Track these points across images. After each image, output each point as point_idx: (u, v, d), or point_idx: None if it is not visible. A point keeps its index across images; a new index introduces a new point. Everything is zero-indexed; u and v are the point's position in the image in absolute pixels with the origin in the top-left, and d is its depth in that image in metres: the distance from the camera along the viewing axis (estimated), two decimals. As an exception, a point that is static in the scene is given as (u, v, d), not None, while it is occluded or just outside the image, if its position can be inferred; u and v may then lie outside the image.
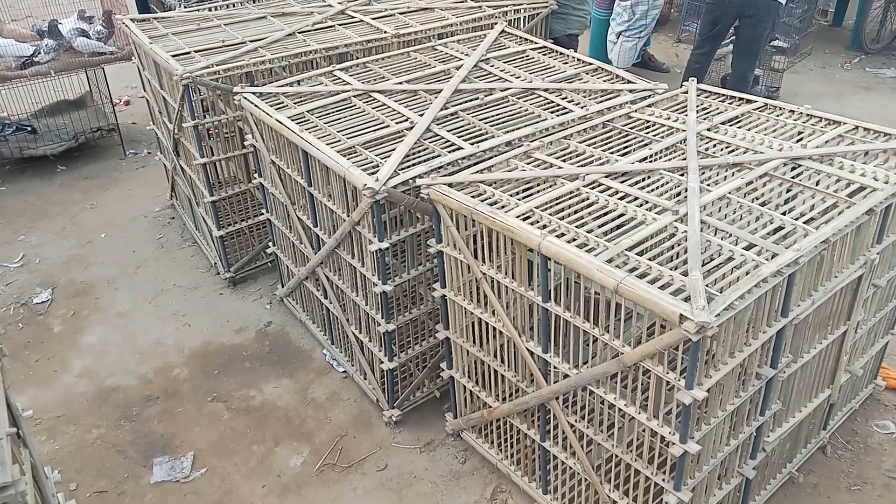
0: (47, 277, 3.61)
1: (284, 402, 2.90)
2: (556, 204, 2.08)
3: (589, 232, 1.92)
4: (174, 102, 3.24)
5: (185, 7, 4.68)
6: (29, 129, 4.55)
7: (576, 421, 2.10)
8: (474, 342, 2.38)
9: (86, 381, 3.01)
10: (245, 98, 2.82)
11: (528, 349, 2.12)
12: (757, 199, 2.08)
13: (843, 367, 2.35)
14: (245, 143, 3.03)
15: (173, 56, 3.12)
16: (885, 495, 2.46)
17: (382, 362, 2.65)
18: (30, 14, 4.69)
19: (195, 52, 3.20)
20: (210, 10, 3.80)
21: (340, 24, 3.53)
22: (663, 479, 1.89)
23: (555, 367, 2.07)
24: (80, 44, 4.35)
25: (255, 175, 3.08)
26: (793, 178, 2.17)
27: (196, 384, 2.99)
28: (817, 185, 2.13)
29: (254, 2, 3.94)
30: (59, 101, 4.81)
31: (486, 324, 2.28)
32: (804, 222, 1.93)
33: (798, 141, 2.40)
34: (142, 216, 4.12)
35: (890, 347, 2.83)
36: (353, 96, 2.82)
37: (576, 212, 2.05)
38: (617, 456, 2.02)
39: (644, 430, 1.98)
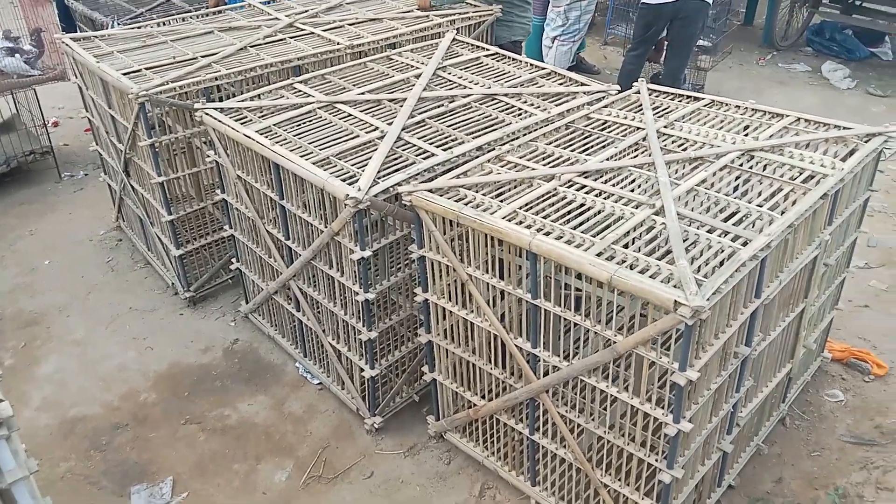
0: (-8, 309, 3.44)
1: (262, 419, 2.86)
2: (538, 204, 2.16)
3: (574, 229, 2.01)
4: (126, 122, 3.15)
5: (118, 25, 4.55)
6: (-46, 156, 4.32)
7: (566, 411, 2.18)
8: (459, 343, 2.43)
9: (47, 413, 2.88)
10: (207, 114, 2.78)
11: (516, 345, 2.19)
12: (721, 189, 2.22)
13: (801, 342, 2.52)
14: (207, 159, 2.98)
15: (124, 74, 3.04)
16: (841, 458, 2.65)
17: (363, 371, 2.66)
18: (-51, 35, 4.45)
19: (146, 69, 3.12)
20: (158, 25, 3.71)
21: (291, 37, 3.52)
22: (656, 460, 1.99)
23: (544, 361, 2.15)
24: (9, 65, 4.16)
25: (217, 191, 3.04)
26: (750, 168, 2.33)
27: (167, 408, 2.91)
28: (773, 173, 2.29)
29: (197, 17, 3.87)
30: (-16, 124, 4.57)
31: (470, 324, 2.34)
32: (768, 209, 2.07)
33: (747, 134, 2.57)
34: (87, 240, 3.97)
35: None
36: (318, 108, 2.82)
37: (557, 210, 2.13)
38: (609, 441, 2.10)
39: (625, 414, 2.09)
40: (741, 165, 2.33)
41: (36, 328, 3.33)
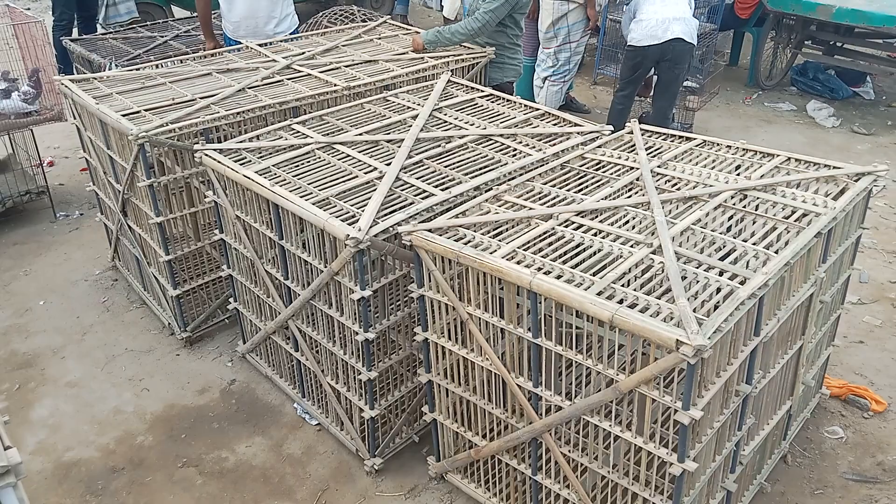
0: (-15, 351, 3.40)
1: (260, 461, 2.83)
2: (536, 243, 2.19)
3: (573, 268, 2.03)
4: (124, 162, 3.17)
5: (115, 66, 4.61)
6: (-51, 197, 4.32)
7: (569, 451, 2.17)
8: (458, 383, 2.43)
9: (42, 457, 2.84)
10: (206, 155, 2.81)
11: (518, 384, 2.19)
12: (717, 228, 2.25)
13: (800, 379, 2.54)
14: (205, 199, 2.99)
15: (124, 115, 3.07)
16: (845, 496, 2.64)
17: (363, 411, 2.65)
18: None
19: (145, 110, 3.16)
20: (156, 66, 3.76)
21: (289, 79, 3.58)
22: (661, 500, 1.98)
23: (546, 400, 2.15)
24: (6, 105, 4.19)
25: (216, 231, 3.05)
26: (744, 207, 2.37)
27: (163, 450, 2.88)
28: (766, 212, 2.33)
29: (195, 59, 3.93)
30: (-20, 165, 4.58)
31: (471, 363, 2.34)
32: (764, 247, 2.10)
33: (740, 173, 2.62)
34: (82, 280, 3.95)
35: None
36: (317, 149, 2.86)
37: (556, 249, 2.15)
38: (613, 481, 2.09)
39: (629, 453, 2.08)
40: (735, 204, 2.37)
41: (30, 370, 3.29)
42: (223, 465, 2.81)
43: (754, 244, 2.12)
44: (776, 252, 2.07)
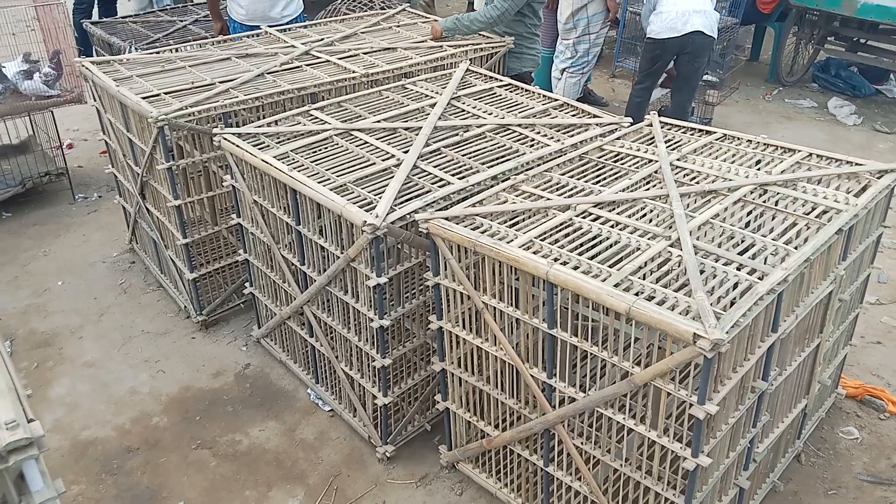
0: (4, 329, 3.44)
1: (273, 445, 2.85)
2: (553, 234, 2.18)
3: (590, 259, 2.02)
4: (143, 145, 3.19)
5: (135, 49, 4.63)
6: (-30, 178, 4.36)
7: (582, 443, 2.17)
8: (472, 372, 2.43)
9: (59, 435, 2.87)
10: (225, 139, 2.82)
11: (532, 375, 2.19)
12: (736, 222, 2.23)
13: (817, 378, 2.52)
14: (223, 183, 3.01)
15: (144, 98, 3.08)
16: (859, 497, 2.63)
17: (376, 398, 2.66)
18: (-30, 58, 4.52)
19: (165, 94, 3.17)
20: (175, 50, 3.77)
21: (308, 65, 3.58)
22: (673, 494, 1.98)
23: (560, 392, 2.14)
24: (27, 87, 4.22)
25: (233, 215, 3.06)
26: (764, 202, 2.34)
27: (178, 432, 2.90)
28: (786, 208, 2.31)
29: (214, 44, 3.93)
30: (1, 145, 4.62)
31: (485, 353, 2.34)
32: (783, 243, 2.08)
33: (760, 168, 2.59)
34: (100, 262, 3.99)
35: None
36: (335, 135, 2.86)
37: (573, 241, 2.14)
38: (625, 474, 2.09)
39: (642, 446, 2.08)
40: (755, 199, 2.35)
41: (48, 349, 3.33)
42: (237, 447, 2.84)
43: (774, 240, 2.10)
44: (796, 248, 2.05)
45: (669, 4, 4.93)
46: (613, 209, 2.30)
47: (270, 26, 4.23)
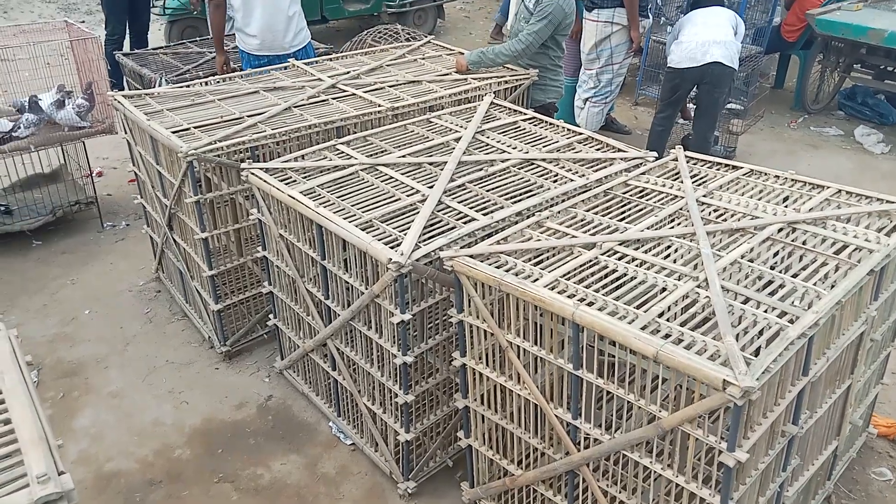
0: (32, 358, 3.46)
1: (294, 479, 2.84)
2: (579, 272, 2.16)
3: (616, 300, 2.00)
4: (172, 178, 3.24)
5: (166, 82, 4.72)
6: (2, 209, 4.45)
7: (608, 486, 2.13)
8: (495, 409, 2.41)
9: (83, 467, 2.89)
10: (252, 174, 2.85)
11: (556, 415, 2.16)
12: (764, 262, 2.21)
13: (848, 418, 2.46)
14: (249, 216, 3.04)
15: (174, 132, 3.14)
16: (893, 542, 2.55)
17: (398, 434, 2.65)
18: (6, 90, 4.64)
19: (194, 128, 3.23)
20: (204, 83, 3.84)
21: (334, 98, 3.62)
22: (702, 541, 1.93)
23: (585, 433, 2.12)
24: (62, 117, 4.32)
25: (259, 248, 3.09)
26: (793, 241, 2.31)
27: (200, 465, 2.91)
28: (816, 247, 2.28)
29: (242, 77, 4.00)
30: (33, 174, 4.72)
31: (508, 390, 2.32)
32: (814, 284, 2.05)
33: (788, 205, 2.56)
34: (126, 290, 4.04)
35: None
36: (360, 170, 2.88)
37: (598, 280, 2.13)
38: (652, 519, 2.05)
39: (670, 492, 2.04)
40: (783, 238, 2.32)
41: (75, 379, 3.37)
42: (258, 481, 2.83)
43: (804, 280, 2.07)
44: (826, 289, 2.02)
45: (690, 34, 4.95)
46: (639, 247, 2.29)
47: (281, 56, 4.32)
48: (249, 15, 4.37)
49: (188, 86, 3.83)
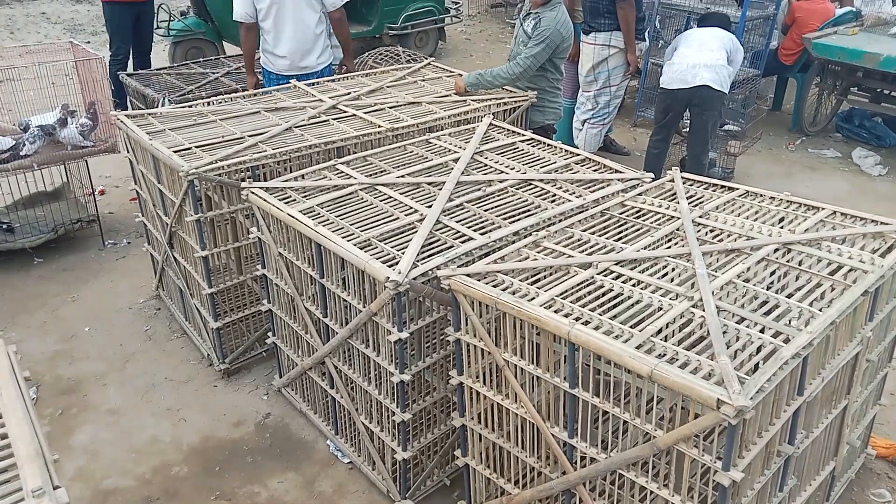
0: (31, 375, 3.46)
1: (291, 498, 2.84)
2: (575, 292, 2.18)
3: (612, 319, 2.02)
4: (174, 197, 3.28)
5: (168, 101, 4.78)
6: (5, 226, 4.48)
7: (604, 505, 2.14)
8: (492, 428, 2.42)
9: (80, 484, 2.89)
10: (253, 193, 2.88)
11: (552, 434, 2.17)
12: (759, 282, 2.23)
13: (845, 439, 2.47)
14: (249, 234, 3.06)
15: (175, 152, 3.18)
16: (891, 564, 2.54)
17: (395, 452, 2.65)
18: (10, 110, 4.69)
19: (196, 147, 3.26)
20: (207, 104, 3.89)
21: (335, 119, 3.66)
22: (698, 561, 1.93)
23: (581, 452, 2.12)
24: (65, 136, 4.36)
25: (258, 266, 3.11)
26: (787, 262, 2.33)
27: (197, 482, 2.91)
28: (810, 268, 2.30)
29: (244, 97, 4.05)
30: (36, 192, 4.76)
31: (505, 409, 2.33)
32: (808, 304, 2.07)
33: (783, 226, 2.59)
34: (126, 308, 4.06)
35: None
36: (360, 189, 2.91)
37: (595, 299, 2.15)
38: (648, 539, 2.05)
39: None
40: (778, 259, 2.35)
41: (73, 396, 3.37)
42: (255, 499, 2.83)
43: (798, 301, 2.09)
44: (821, 310, 2.03)
45: (682, 56, 5.04)
46: (635, 267, 2.31)
47: (308, 74, 4.39)
48: (280, 36, 4.46)
49: (190, 106, 3.88)
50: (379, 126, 3.56)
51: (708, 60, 4.92)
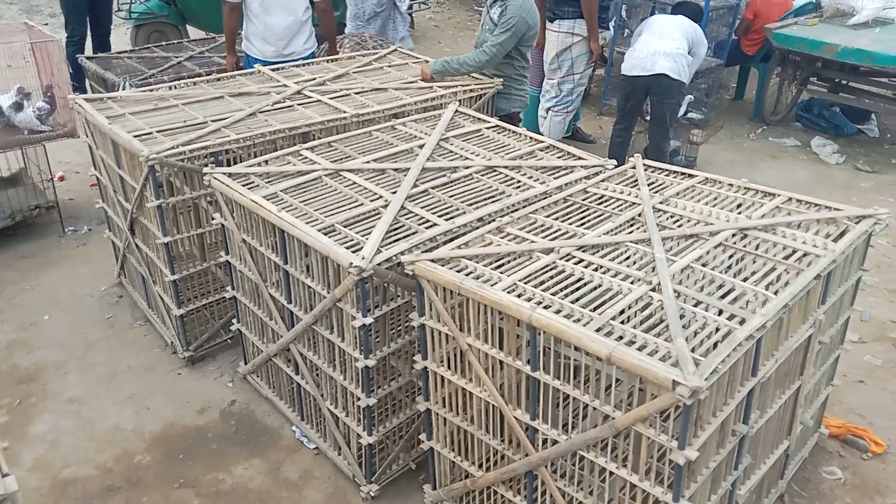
0: (-12, 364, 3.43)
1: (256, 484, 2.83)
2: (537, 277, 2.21)
3: (573, 303, 2.05)
4: (134, 182, 3.22)
5: (130, 87, 4.68)
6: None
7: (565, 485, 2.17)
8: (456, 412, 2.44)
9: (39, 474, 2.85)
10: (215, 178, 2.85)
11: (515, 417, 2.20)
12: (717, 267, 2.28)
13: (798, 419, 2.54)
14: (212, 220, 3.03)
15: (135, 136, 3.12)
16: (841, 538, 2.64)
17: (360, 437, 2.66)
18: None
19: (157, 132, 3.21)
20: (170, 88, 3.82)
21: (299, 104, 3.63)
22: (655, 538, 1.98)
23: (543, 434, 2.16)
24: (21, 119, 4.25)
25: (221, 253, 3.08)
26: (744, 247, 2.39)
27: (161, 470, 2.88)
28: (766, 252, 2.35)
29: (207, 82, 3.99)
30: (-9, 178, 4.64)
31: (469, 393, 2.35)
32: (763, 288, 2.12)
33: (741, 212, 2.65)
34: (88, 295, 3.99)
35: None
36: (324, 175, 2.90)
37: (556, 283, 2.18)
38: (607, 518, 2.10)
39: (624, 488, 2.09)
40: (735, 244, 2.40)
41: (32, 385, 3.31)
42: (220, 486, 2.82)
43: (754, 284, 2.14)
44: (775, 293, 2.09)
45: (642, 44, 5.11)
46: (596, 252, 2.34)
47: (293, 60, 4.41)
48: (268, 21, 4.44)
49: (152, 90, 3.81)
50: (344, 112, 3.54)
51: (667, 48, 4.98)
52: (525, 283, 2.15)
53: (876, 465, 2.97)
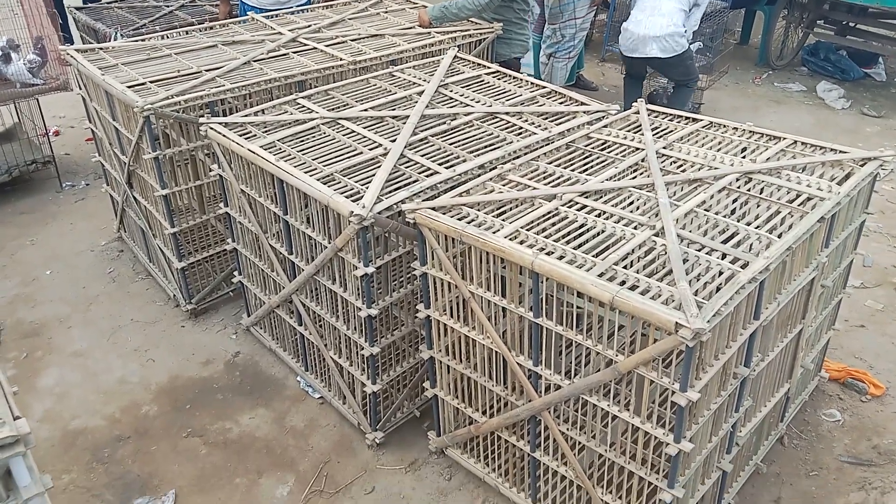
0: (-8, 319, 3.44)
1: (263, 433, 2.87)
2: (539, 223, 2.19)
3: (575, 249, 2.04)
4: (130, 134, 3.18)
5: (121, 36, 4.58)
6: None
7: (567, 429, 2.20)
8: (460, 360, 2.45)
9: (49, 425, 2.89)
10: (211, 128, 2.81)
11: (518, 363, 2.21)
12: (720, 211, 2.26)
13: (799, 363, 2.56)
14: (210, 172, 3.00)
15: (129, 87, 3.07)
16: (839, 478, 2.68)
17: (365, 386, 2.68)
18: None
19: (151, 82, 3.15)
20: (162, 37, 3.74)
21: (295, 52, 3.56)
22: (657, 479, 2.01)
23: (545, 379, 2.17)
24: (12, 72, 4.18)
25: (221, 204, 3.06)
26: (748, 190, 2.36)
27: (168, 420, 2.92)
28: (770, 196, 2.33)
29: (200, 31, 3.90)
30: (-14, 133, 4.59)
31: (472, 341, 2.36)
32: (766, 231, 2.11)
33: (745, 156, 2.61)
34: (88, 250, 3.98)
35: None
36: (322, 124, 2.85)
37: (558, 230, 2.16)
38: (610, 459, 2.13)
39: (626, 432, 2.12)
40: (739, 188, 2.37)
41: (37, 339, 3.33)
42: (227, 435, 2.86)
43: (757, 228, 2.13)
44: (779, 236, 2.07)
45: (633, 24, 5.00)
46: (599, 198, 2.32)
47: (287, 8, 4.30)
48: None
49: (144, 39, 3.73)
50: (341, 59, 3.47)
51: (657, 31, 4.84)
52: (527, 230, 2.14)
53: (874, 407, 3.00)
